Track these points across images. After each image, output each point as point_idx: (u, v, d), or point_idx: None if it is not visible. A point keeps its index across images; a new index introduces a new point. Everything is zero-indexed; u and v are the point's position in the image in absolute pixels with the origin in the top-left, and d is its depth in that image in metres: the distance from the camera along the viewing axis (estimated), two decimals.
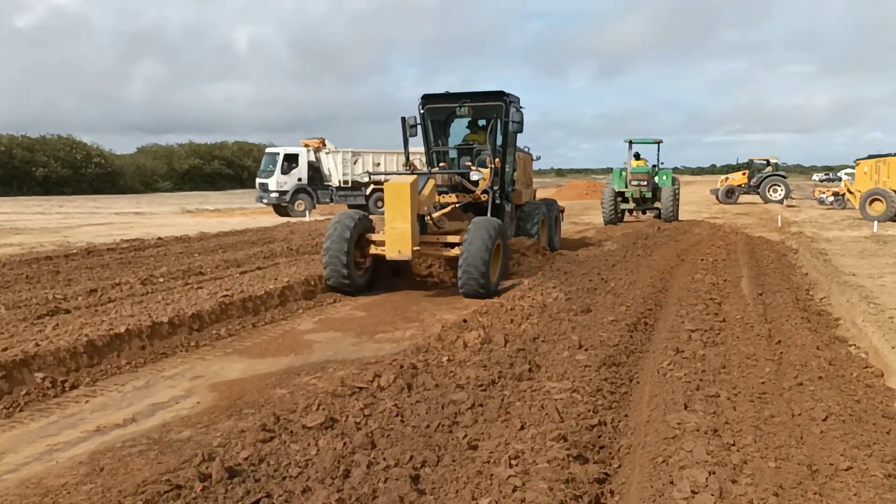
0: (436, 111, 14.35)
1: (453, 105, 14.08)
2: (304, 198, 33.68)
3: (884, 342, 7.08)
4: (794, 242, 17.60)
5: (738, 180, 42.09)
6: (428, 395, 5.71)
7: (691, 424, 4.95)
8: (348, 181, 34.47)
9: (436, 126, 14.62)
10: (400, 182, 11.40)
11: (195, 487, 4.05)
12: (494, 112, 13.80)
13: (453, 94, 14.04)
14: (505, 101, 13.62)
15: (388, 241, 11.31)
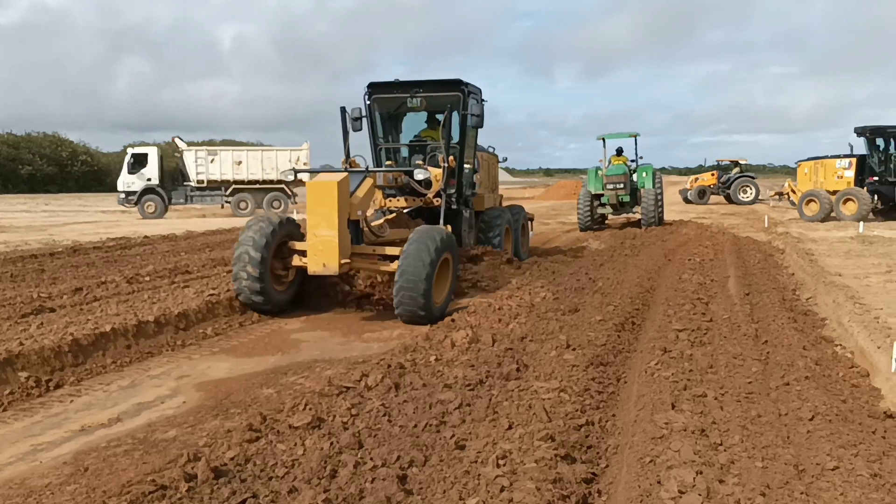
0: (384, 102, 12.67)
1: (404, 95, 12.38)
2: (154, 199, 32.29)
3: (869, 342, 7.11)
4: (781, 242, 17.68)
5: (708, 181, 42.19)
6: (415, 394, 5.69)
7: (679, 424, 4.96)
8: (203, 181, 33.05)
9: (385, 119, 13.01)
10: (325, 181, 9.62)
11: (180, 488, 4.01)
12: (450, 103, 11.95)
13: (404, 83, 12.37)
14: (462, 91, 11.96)
15: (310, 251, 9.53)
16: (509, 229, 14.22)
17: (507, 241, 14.07)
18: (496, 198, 15.47)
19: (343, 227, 9.53)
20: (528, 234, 16.41)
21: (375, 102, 12.59)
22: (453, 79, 12.03)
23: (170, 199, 32.98)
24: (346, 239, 9.63)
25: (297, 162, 32.73)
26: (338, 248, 9.36)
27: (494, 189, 15.53)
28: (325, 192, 9.46)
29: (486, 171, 14.71)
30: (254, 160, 33.37)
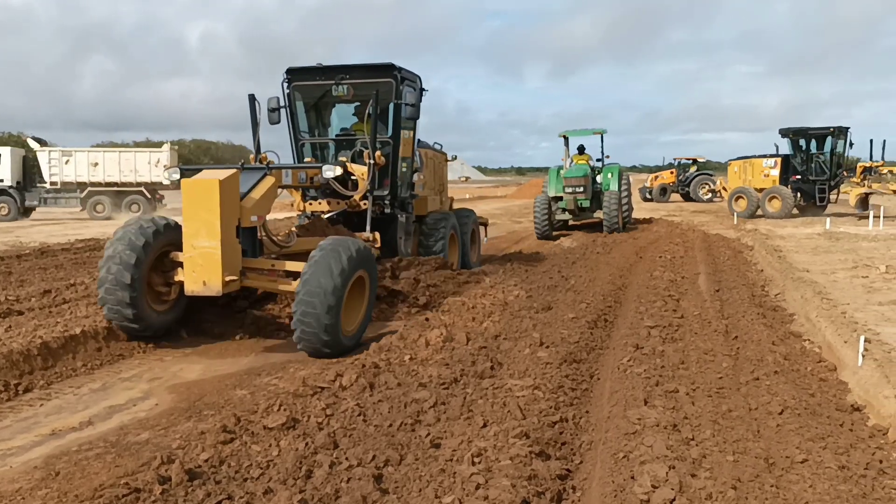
0: (306, 90, 11.26)
1: (328, 82, 10.96)
2: (6, 200, 30.94)
3: (836, 337, 7.23)
4: (750, 239, 17.91)
5: (668, 179, 42.63)
6: (390, 394, 5.70)
7: (651, 420, 5.01)
8: (58, 182, 31.55)
9: (310, 110, 11.59)
10: (204, 179, 7.78)
11: (154, 490, 3.99)
12: (381, 91, 10.64)
13: (328, 69, 10.95)
14: (395, 76, 10.64)
15: (187, 266, 7.74)
16: (455, 236, 12.83)
17: (453, 250, 12.68)
18: (444, 200, 14.10)
19: (229, 235, 7.77)
20: (480, 241, 14.83)
21: (296, 91, 11.20)
22: (384, 63, 10.71)
23: (24, 201, 31.44)
24: (234, 251, 7.86)
25: (158, 164, 30.79)
26: (220, 263, 7.58)
27: (442, 191, 14.08)
28: (205, 192, 7.63)
29: (432, 170, 13.29)
30: (111, 162, 31.63)
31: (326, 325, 7.30)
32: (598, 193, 20.99)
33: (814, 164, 26.70)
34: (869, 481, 4.25)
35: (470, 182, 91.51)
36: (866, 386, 5.86)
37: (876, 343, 6.69)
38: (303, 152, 11.45)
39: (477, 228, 14.57)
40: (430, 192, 12.96)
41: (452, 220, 12.68)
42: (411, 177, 11.72)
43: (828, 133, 26.53)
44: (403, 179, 11.42)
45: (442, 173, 14.19)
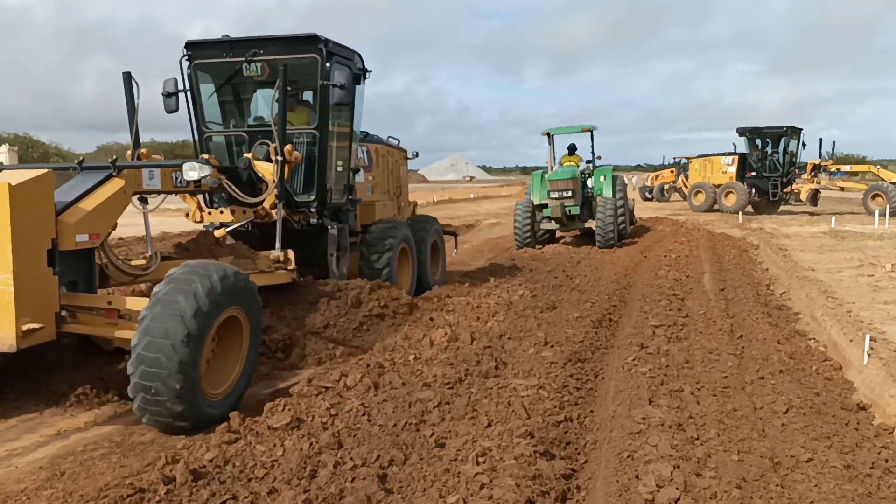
0: (212, 70, 9.10)
1: (237, 60, 8.70)
2: None
3: (842, 336, 7.22)
4: (755, 238, 17.87)
5: (668, 178, 42.76)
6: (395, 393, 5.70)
7: (656, 419, 5.01)
8: None
9: (221, 95, 9.35)
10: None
11: (159, 490, 3.99)
12: (304, 70, 8.75)
13: (236, 42, 8.78)
14: (319, 51, 8.55)
15: None
16: (407, 250, 10.37)
17: (404, 268, 10.35)
18: (402, 206, 11.91)
19: (32, 264, 5.57)
20: (444, 256, 12.25)
21: (199, 70, 9.00)
22: (306, 34, 8.61)
23: None
24: (42, 286, 5.66)
25: None
26: (13, 305, 5.38)
27: (400, 194, 11.84)
28: None
29: (385, 169, 11.27)
30: None
31: (178, 391, 5.19)
32: (589, 199, 17.71)
33: (768, 161, 28.17)
34: (875, 480, 4.24)
35: (474, 182, 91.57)
36: (872, 385, 5.84)
37: (882, 342, 6.67)
38: (209, 148, 9.22)
39: (440, 240, 11.97)
40: (381, 196, 10.98)
41: (403, 232, 10.20)
42: (350, 178, 9.51)
43: (782, 133, 27.95)
44: (339, 181, 9.24)
45: (399, 173, 11.94)
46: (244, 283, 6.03)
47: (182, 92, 8.95)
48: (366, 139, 10.64)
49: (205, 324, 5.42)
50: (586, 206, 17.62)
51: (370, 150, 10.68)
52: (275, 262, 7.97)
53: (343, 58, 9.01)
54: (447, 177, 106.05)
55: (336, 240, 9.01)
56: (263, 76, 8.82)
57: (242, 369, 6.07)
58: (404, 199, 12.08)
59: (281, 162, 8.00)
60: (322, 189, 8.91)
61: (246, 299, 6.04)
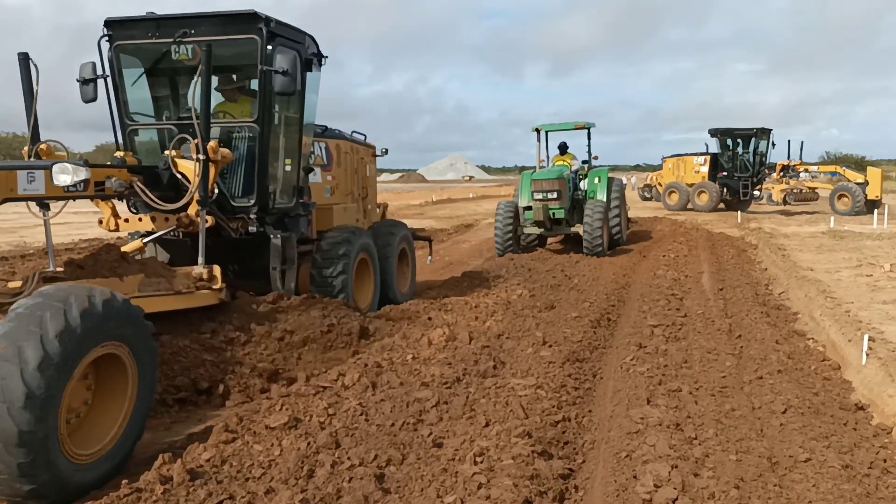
0: (137, 52, 7.85)
1: (165, 41, 7.47)
2: None
3: (840, 335, 7.22)
4: (754, 238, 17.88)
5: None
6: (393, 393, 5.69)
7: (654, 419, 5.00)
8: None
9: (154, 81, 8.08)
10: None
11: (156, 490, 3.98)
12: (243, 53, 7.69)
13: (163, 20, 7.58)
14: (259, 32, 7.37)
15: None
16: (368, 261, 9.27)
17: (364, 281, 9.23)
18: (369, 209, 10.79)
19: None
20: (414, 266, 11.11)
21: (120, 53, 7.72)
22: (244, 11, 7.48)
23: None
24: None
25: None
26: None
27: (366, 196, 10.69)
28: None
29: (347, 168, 10.09)
30: None
31: (23, 462, 3.93)
32: (580, 202, 16.01)
33: (738, 161, 29.10)
34: (873, 480, 4.24)
35: (474, 181, 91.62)
36: (870, 385, 5.84)
37: (880, 342, 6.67)
38: (134, 144, 7.95)
39: (409, 247, 10.87)
40: (343, 198, 9.85)
41: (362, 239, 9.05)
42: (300, 179, 8.32)
43: (752, 134, 28.79)
44: (287, 182, 8.10)
45: (365, 172, 10.72)
46: (124, 313, 4.68)
47: (101, 78, 7.59)
48: (325, 134, 9.60)
49: (58, 377, 4.09)
50: (577, 210, 15.92)
51: (329, 147, 9.56)
52: (197, 281, 6.78)
53: (289, 40, 7.78)
54: (446, 176, 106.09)
55: (280, 251, 7.85)
56: (195, 60, 7.53)
57: (129, 419, 4.73)
58: (372, 202, 10.96)
59: (203, 161, 6.83)
60: (263, 192, 7.69)
61: (128, 333, 4.69)
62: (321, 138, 9.38)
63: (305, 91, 8.08)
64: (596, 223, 14.68)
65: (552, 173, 15.67)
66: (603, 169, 16.86)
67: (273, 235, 7.84)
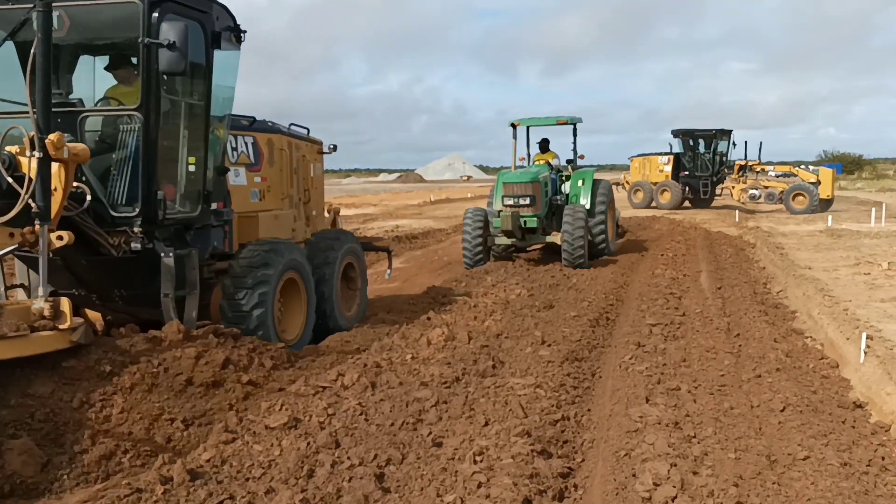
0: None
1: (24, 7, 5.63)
2: None
3: (838, 333, 7.23)
4: (752, 237, 17.89)
5: None
6: (392, 393, 5.70)
7: (653, 418, 5.01)
8: None
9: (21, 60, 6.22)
10: None
11: (156, 490, 3.98)
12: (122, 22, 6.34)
13: None
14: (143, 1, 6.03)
15: None
16: (299, 281, 7.60)
17: (293, 307, 7.67)
18: (313, 216, 9.37)
19: None
20: (363, 284, 9.38)
21: None
22: None
23: None
24: None
25: None
26: None
27: (308, 200, 9.17)
28: None
29: (284, 168, 8.57)
30: None
31: None
32: (560, 208, 13.94)
33: (699, 161, 29.87)
34: (871, 478, 4.25)
35: (472, 181, 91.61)
36: (868, 383, 5.85)
37: (878, 340, 6.68)
38: None
39: (358, 262, 9.17)
40: (277, 203, 8.36)
41: (289, 256, 7.37)
42: (208, 182, 6.84)
43: (712, 135, 29.58)
44: (190, 185, 6.67)
45: (308, 172, 9.23)
46: None
47: None
48: (253, 127, 8.12)
49: None
50: (556, 216, 13.99)
51: (259, 143, 8.03)
52: (38, 319, 5.16)
53: (186, 7, 6.44)
54: (444, 176, 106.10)
55: (172, 273, 6.25)
56: (62, 32, 6.22)
57: None
58: (317, 207, 9.44)
59: (40, 160, 5.24)
60: (149, 198, 6.20)
61: None
62: (248, 132, 7.94)
63: (212, 72, 6.67)
64: (576, 231, 12.84)
65: (526, 175, 13.59)
66: (589, 170, 14.95)
67: (164, 254, 6.26)
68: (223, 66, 6.98)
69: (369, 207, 32.42)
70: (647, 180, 30.84)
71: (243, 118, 7.98)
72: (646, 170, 31.44)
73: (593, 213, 14.02)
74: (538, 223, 13.34)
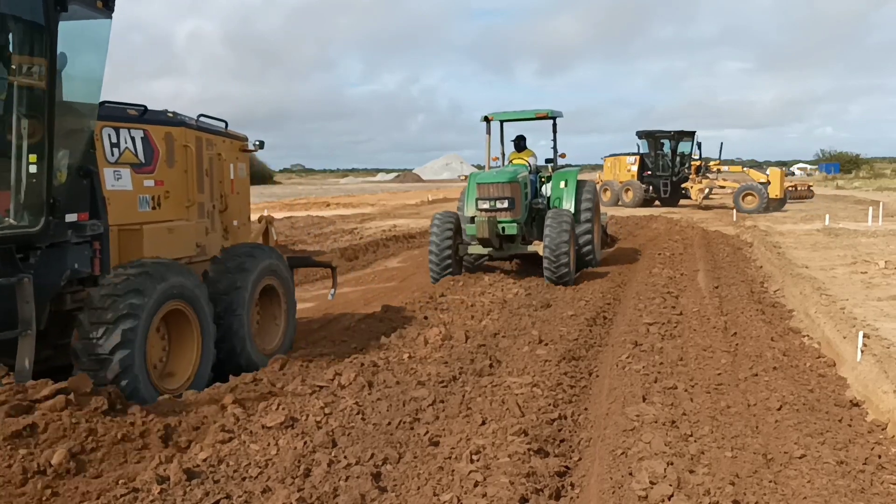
0: None
1: None
2: None
3: (835, 332, 7.23)
4: (749, 236, 17.90)
5: None
6: (389, 392, 5.69)
7: (649, 416, 5.02)
8: None
9: None
10: None
11: (153, 490, 3.98)
12: None
13: None
14: None
15: None
16: (189, 313, 6.01)
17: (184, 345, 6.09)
18: (234, 227, 7.80)
19: None
20: (289, 309, 7.62)
21: None
22: None
23: None
24: None
25: None
26: None
27: (225, 208, 7.56)
28: None
29: (191, 169, 6.93)
30: None
31: None
32: (541, 213, 12.35)
33: (661, 161, 31.00)
34: (867, 476, 4.26)
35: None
36: (865, 381, 5.86)
37: (875, 339, 6.69)
38: None
39: (282, 284, 7.47)
40: (178, 213, 6.75)
41: (170, 281, 5.74)
42: (55, 188, 5.28)
43: (670, 136, 30.74)
44: (30, 192, 5.17)
45: (227, 175, 7.63)
46: None
47: None
48: (144, 119, 6.48)
49: None
50: (537, 223, 12.39)
51: (153, 137, 6.48)
52: None
53: None
54: (442, 176, 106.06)
55: None
56: None
57: None
58: (239, 216, 7.87)
59: None
60: None
61: None
62: (136, 124, 6.35)
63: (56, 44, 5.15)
64: (560, 239, 11.08)
65: (503, 175, 11.87)
66: (572, 170, 13.20)
67: None
68: (83, 38, 5.64)
69: (367, 207, 32.44)
70: (617, 180, 31.97)
71: (130, 107, 6.38)
72: (616, 170, 32.50)
73: (578, 218, 12.44)
74: (518, 230, 11.74)
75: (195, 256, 6.88)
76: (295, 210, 30.11)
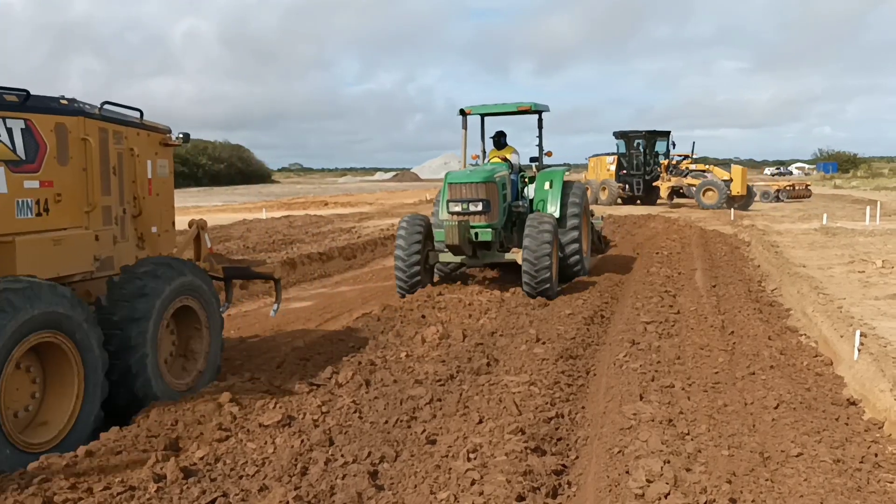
0: None
1: None
2: None
3: (832, 331, 7.24)
4: (747, 235, 17.92)
5: None
6: (386, 390, 5.70)
7: (647, 415, 5.02)
8: None
9: None
10: None
11: (149, 488, 3.98)
12: None
13: None
14: None
15: None
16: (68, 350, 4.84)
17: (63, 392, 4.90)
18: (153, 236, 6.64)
19: None
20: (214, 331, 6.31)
21: None
22: None
23: None
24: None
25: None
26: None
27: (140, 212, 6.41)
28: None
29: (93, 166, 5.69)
30: None
31: None
32: (522, 217, 11.17)
33: (635, 161, 32.04)
34: (864, 475, 4.26)
35: None
36: (862, 380, 5.87)
37: (872, 337, 6.69)
38: None
39: (203, 304, 6.16)
40: (72, 219, 5.51)
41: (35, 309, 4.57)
42: None
43: (642, 136, 31.90)
44: None
45: (143, 173, 6.49)
46: None
47: None
48: (27, 106, 5.19)
49: None
50: (517, 228, 11.18)
51: (38, 129, 5.25)
52: None
53: None
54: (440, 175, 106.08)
55: None
56: None
57: None
58: (160, 221, 6.79)
59: None
60: None
61: None
62: (13, 112, 5.10)
63: None
64: (541, 248, 9.91)
65: (477, 174, 10.60)
66: (557, 170, 11.85)
67: None
68: None
69: (365, 206, 32.45)
70: (597, 179, 32.89)
71: (7, 91, 5.13)
72: (598, 169, 33.52)
73: (564, 223, 11.16)
74: (493, 236, 10.46)
75: (96, 272, 5.72)
76: (293, 209, 30.12)
